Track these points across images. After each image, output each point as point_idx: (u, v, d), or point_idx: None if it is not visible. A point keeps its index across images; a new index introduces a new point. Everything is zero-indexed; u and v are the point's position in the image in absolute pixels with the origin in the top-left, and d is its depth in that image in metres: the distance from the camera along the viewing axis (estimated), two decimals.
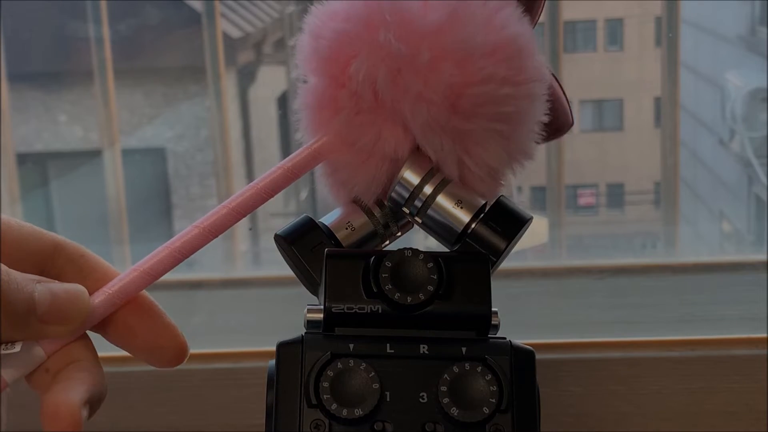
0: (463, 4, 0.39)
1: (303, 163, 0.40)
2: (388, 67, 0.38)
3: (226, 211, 0.39)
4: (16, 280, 0.35)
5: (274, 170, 0.40)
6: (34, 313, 0.36)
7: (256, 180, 0.40)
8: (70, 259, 0.39)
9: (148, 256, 0.39)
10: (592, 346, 0.65)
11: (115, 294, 0.38)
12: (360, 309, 0.39)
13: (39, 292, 0.36)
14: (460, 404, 0.37)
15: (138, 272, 0.39)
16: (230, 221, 0.40)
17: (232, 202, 0.40)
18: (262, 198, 0.40)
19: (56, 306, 0.36)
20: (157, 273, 0.39)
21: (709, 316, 0.71)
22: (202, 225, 0.39)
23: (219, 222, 0.39)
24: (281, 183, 0.40)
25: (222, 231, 0.40)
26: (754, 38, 2.63)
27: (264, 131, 2.95)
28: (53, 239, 0.39)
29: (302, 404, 0.38)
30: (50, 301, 0.36)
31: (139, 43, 2.52)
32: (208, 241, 0.40)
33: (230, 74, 2.71)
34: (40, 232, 0.39)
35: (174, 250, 0.39)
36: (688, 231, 2.08)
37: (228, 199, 0.40)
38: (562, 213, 0.81)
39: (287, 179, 0.40)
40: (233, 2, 2.64)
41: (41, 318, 0.36)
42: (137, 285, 0.39)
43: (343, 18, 0.39)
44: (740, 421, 0.63)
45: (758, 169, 2.42)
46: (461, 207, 0.40)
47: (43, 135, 2.75)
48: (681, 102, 0.82)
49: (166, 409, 0.65)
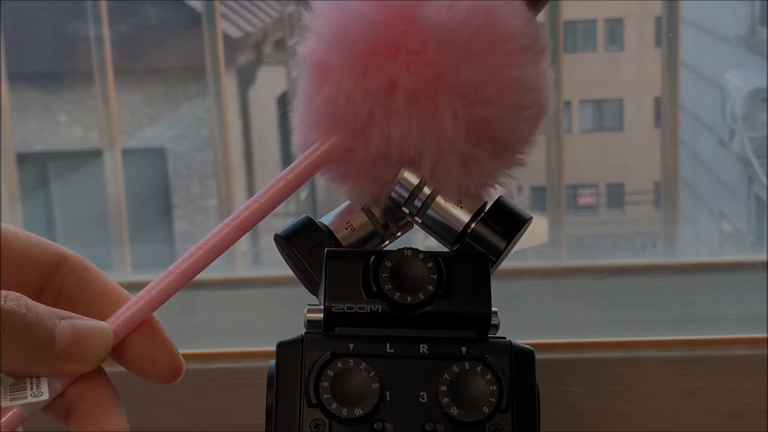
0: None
1: (306, 173, 0.40)
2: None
3: (230, 229, 0.39)
4: (37, 313, 0.35)
5: (274, 182, 0.40)
6: (52, 349, 0.35)
7: (256, 195, 0.40)
8: (73, 271, 0.39)
9: (153, 281, 0.39)
10: (592, 346, 0.65)
11: (123, 324, 0.38)
12: (360, 309, 0.39)
13: (61, 328, 0.35)
14: (460, 404, 0.38)
15: (144, 300, 0.38)
16: (235, 237, 0.40)
17: (236, 218, 0.39)
18: (265, 212, 0.40)
19: (76, 344, 0.36)
20: (163, 299, 0.39)
21: (709, 316, 0.71)
22: (206, 245, 0.39)
23: (224, 239, 0.39)
24: (284, 194, 0.40)
25: (227, 247, 0.40)
26: (754, 38, 2.63)
27: (264, 131, 2.95)
28: (58, 250, 0.39)
29: (302, 404, 0.38)
30: (70, 338, 0.36)
31: (140, 43, 2.53)
32: (213, 260, 0.39)
33: (230, 74, 2.72)
34: (46, 243, 0.39)
35: (180, 273, 0.39)
36: (688, 231, 2.09)
37: (231, 215, 0.40)
38: (562, 213, 0.81)
39: (290, 190, 0.40)
40: (233, 2, 2.64)
41: (59, 355, 0.35)
42: (144, 313, 0.38)
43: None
44: (740, 421, 0.63)
45: (758, 169, 2.42)
46: (461, 207, 0.40)
47: (43, 135, 2.76)
48: (681, 102, 0.82)
49: (166, 409, 0.65)
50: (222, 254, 0.40)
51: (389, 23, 0.38)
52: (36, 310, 0.35)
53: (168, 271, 0.39)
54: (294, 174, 0.40)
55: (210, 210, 2.79)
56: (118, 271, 0.81)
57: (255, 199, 0.39)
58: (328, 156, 0.40)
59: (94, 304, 0.39)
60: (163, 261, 0.40)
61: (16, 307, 0.35)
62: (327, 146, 0.39)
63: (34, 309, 0.35)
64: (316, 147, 0.40)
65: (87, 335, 0.36)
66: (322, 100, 0.39)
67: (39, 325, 0.35)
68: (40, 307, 0.35)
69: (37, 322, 0.35)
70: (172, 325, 0.40)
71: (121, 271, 0.82)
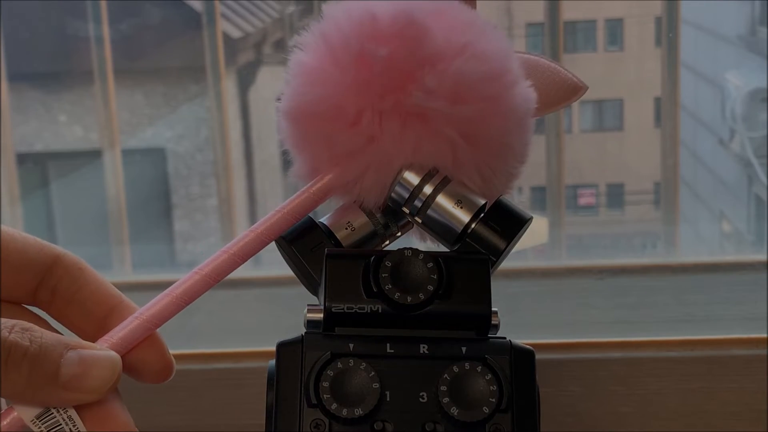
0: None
1: (306, 204, 0.41)
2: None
3: (227, 257, 0.40)
4: (42, 344, 0.35)
5: (272, 215, 0.40)
6: (56, 380, 0.35)
7: (255, 225, 0.40)
8: (67, 271, 0.40)
9: (150, 302, 0.39)
10: (592, 346, 0.65)
11: (117, 344, 0.38)
12: (360, 309, 0.39)
13: (67, 359, 0.36)
14: (460, 404, 0.38)
15: (140, 320, 0.39)
16: (232, 267, 0.40)
17: (233, 246, 0.40)
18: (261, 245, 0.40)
19: (82, 375, 0.36)
20: (159, 321, 0.39)
21: (709, 316, 0.71)
22: (203, 271, 0.39)
23: (221, 267, 0.40)
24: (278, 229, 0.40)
25: (225, 275, 0.40)
26: (754, 38, 2.63)
27: (264, 131, 2.94)
28: (54, 251, 0.40)
29: (302, 404, 0.38)
30: (76, 370, 0.36)
31: (140, 43, 2.52)
32: (210, 287, 0.40)
33: (230, 74, 2.71)
34: (42, 243, 0.40)
35: (176, 297, 0.39)
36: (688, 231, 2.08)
37: (233, 240, 0.40)
38: (562, 213, 0.81)
39: (289, 222, 0.41)
40: (233, 2, 2.64)
41: (64, 386, 0.36)
42: (139, 334, 0.39)
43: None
44: (740, 421, 0.63)
45: (758, 169, 2.42)
46: (461, 207, 0.40)
47: (43, 135, 2.75)
48: (681, 102, 0.82)
49: (166, 409, 0.65)
50: (221, 279, 0.40)
51: None
52: (42, 341, 0.35)
53: (164, 294, 0.39)
54: (291, 207, 0.40)
55: (210, 210, 2.79)
56: (118, 271, 0.81)
57: (253, 229, 0.40)
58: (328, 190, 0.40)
59: (88, 304, 0.39)
60: (163, 261, 0.40)
61: (20, 339, 0.35)
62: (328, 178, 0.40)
63: (39, 341, 0.35)
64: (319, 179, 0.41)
65: (93, 366, 0.36)
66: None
67: (43, 357, 0.35)
68: (47, 337, 0.36)
69: (40, 354, 0.35)
70: (172, 325, 0.40)
71: (121, 271, 0.82)
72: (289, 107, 0.40)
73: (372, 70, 0.38)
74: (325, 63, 0.39)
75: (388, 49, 0.38)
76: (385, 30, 0.39)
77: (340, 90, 0.39)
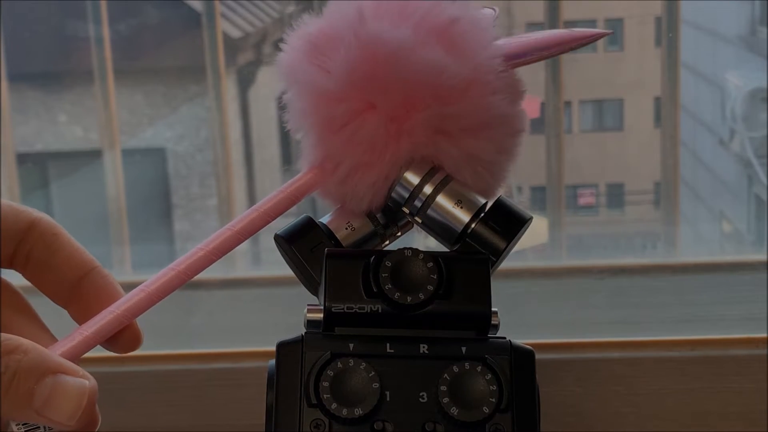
0: None
1: (283, 204, 0.41)
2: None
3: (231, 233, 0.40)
4: (21, 370, 0.35)
5: (248, 213, 0.41)
6: (30, 406, 0.36)
7: (232, 222, 0.41)
8: (42, 236, 0.41)
9: (125, 297, 0.40)
10: (592, 346, 0.65)
11: (91, 337, 0.39)
12: (360, 309, 0.39)
13: (41, 386, 0.36)
14: (460, 404, 0.37)
15: (114, 315, 0.39)
16: (233, 244, 0.41)
17: (209, 243, 0.40)
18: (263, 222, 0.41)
19: (52, 402, 0.36)
20: (132, 315, 0.40)
21: (709, 316, 0.71)
22: (177, 268, 0.40)
23: (196, 264, 0.40)
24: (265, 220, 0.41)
25: (200, 270, 0.41)
26: (754, 38, 2.63)
27: (264, 131, 2.94)
28: (29, 216, 0.41)
29: (302, 404, 0.38)
30: (47, 397, 0.36)
31: (139, 43, 2.53)
32: (184, 283, 0.41)
33: (230, 74, 2.71)
34: (18, 209, 0.41)
35: (150, 293, 0.40)
36: (688, 231, 2.08)
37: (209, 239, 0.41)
38: (562, 213, 0.81)
39: (265, 221, 0.41)
40: (233, 2, 2.64)
41: (37, 411, 0.36)
42: (114, 327, 0.40)
43: None
44: (740, 421, 0.63)
45: (758, 169, 2.42)
46: (461, 207, 0.40)
47: (43, 135, 2.75)
48: (681, 102, 0.82)
49: (166, 409, 0.65)
50: (195, 275, 0.41)
51: None
52: (19, 366, 0.35)
53: (139, 289, 0.40)
54: (293, 188, 0.41)
55: (210, 210, 2.79)
56: (118, 271, 0.81)
57: (229, 227, 0.41)
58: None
59: (62, 269, 0.40)
60: (163, 261, 0.40)
61: (9, 361, 0.35)
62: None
63: (14, 368, 0.35)
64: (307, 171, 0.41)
65: (63, 394, 0.36)
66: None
67: (18, 385, 0.35)
68: (26, 362, 0.36)
69: (14, 384, 0.35)
70: (172, 325, 0.40)
71: (121, 271, 0.82)
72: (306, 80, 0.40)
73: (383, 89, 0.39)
74: (342, 31, 0.39)
75: (405, 73, 0.38)
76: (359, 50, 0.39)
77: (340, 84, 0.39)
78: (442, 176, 0.40)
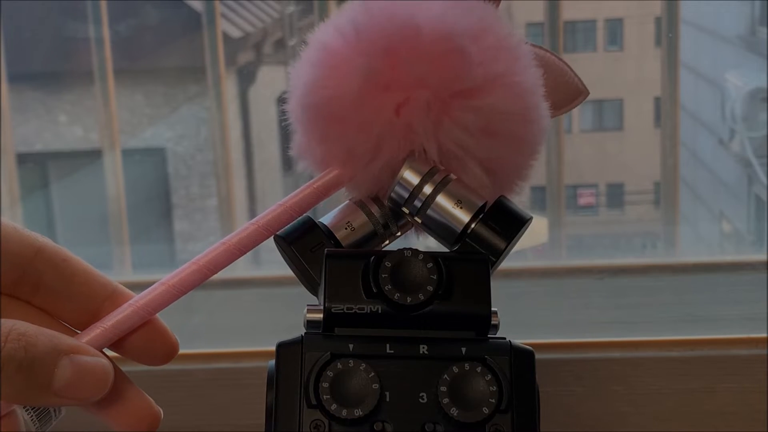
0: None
1: (309, 200, 0.41)
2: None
3: (225, 248, 0.40)
4: (36, 354, 0.35)
5: (274, 208, 0.40)
6: (50, 387, 0.35)
7: (256, 218, 0.40)
8: (51, 264, 0.39)
9: (145, 291, 0.39)
10: (592, 346, 0.65)
11: (109, 329, 0.38)
12: (360, 309, 0.39)
13: (61, 367, 0.35)
14: (459, 404, 0.37)
15: (133, 308, 0.39)
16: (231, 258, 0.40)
17: (233, 238, 0.40)
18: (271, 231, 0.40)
19: (75, 383, 0.36)
20: (153, 309, 0.39)
21: (709, 316, 0.71)
22: (199, 262, 0.39)
23: (218, 259, 0.40)
24: (284, 220, 0.40)
25: (222, 268, 0.40)
26: (754, 38, 2.63)
27: (264, 131, 2.94)
28: (35, 242, 0.39)
29: (302, 404, 0.38)
30: (69, 378, 0.35)
31: (139, 43, 2.53)
32: (207, 278, 0.40)
33: (230, 74, 2.72)
34: (22, 233, 0.39)
35: (170, 286, 0.39)
36: (688, 231, 2.09)
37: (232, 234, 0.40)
38: (562, 213, 0.81)
39: (290, 217, 0.41)
40: (233, 2, 2.64)
41: (56, 392, 0.35)
42: (134, 321, 0.39)
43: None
44: (740, 421, 0.63)
45: (758, 169, 2.42)
46: (461, 207, 0.40)
47: (43, 135, 2.76)
48: (681, 102, 0.82)
49: (166, 409, 0.64)
50: (218, 271, 0.40)
51: None
52: (36, 349, 0.35)
53: (159, 282, 0.39)
54: (296, 199, 0.41)
55: (210, 210, 2.79)
56: (118, 271, 0.81)
57: (255, 220, 0.40)
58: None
59: (79, 298, 0.39)
60: (163, 261, 0.40)
61: (15, 350, 0.34)
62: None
63: (33, 349, 0.35)
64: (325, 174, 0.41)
65: (86, 375, 0.36)
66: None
67: (37, 367, 0.35)
68: (42, 341, 0.35)
69: (34, 364, 0.35)
70: (172, 325, 0.40)
71: (121, 271, 0.82)
72: (308, 101, 0.40)
73: (402, 82, 0.38)
74: (351, 53, 0.39)
75: (427, 68, 0.38)
76: (427, 46, 0.38)
77: (365, 92, 0.39)
78: (442, 176, 0.40)
